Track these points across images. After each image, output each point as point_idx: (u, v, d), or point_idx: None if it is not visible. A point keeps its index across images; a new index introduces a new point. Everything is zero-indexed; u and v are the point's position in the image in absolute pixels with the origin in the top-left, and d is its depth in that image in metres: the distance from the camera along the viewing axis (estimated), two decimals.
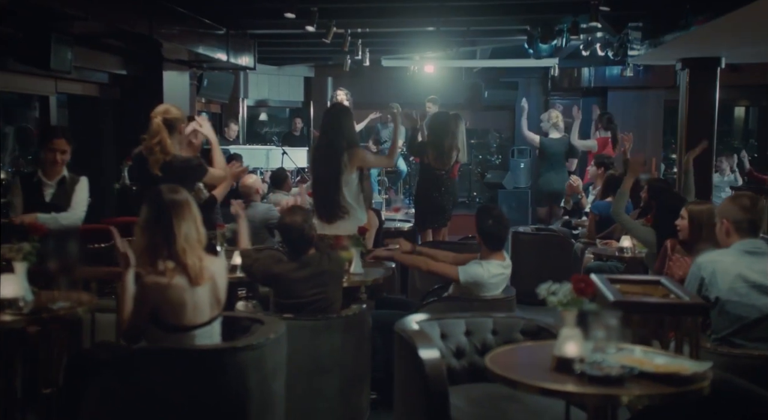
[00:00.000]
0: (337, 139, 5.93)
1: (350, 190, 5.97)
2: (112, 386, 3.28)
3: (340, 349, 4.58)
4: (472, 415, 3.47)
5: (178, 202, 3.52)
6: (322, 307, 4.68)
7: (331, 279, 4.78)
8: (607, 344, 2.86)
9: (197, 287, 3.43)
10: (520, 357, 3.06)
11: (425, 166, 8.18)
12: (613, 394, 2.61)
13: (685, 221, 4.83)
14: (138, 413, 3.26)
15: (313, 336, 4.52)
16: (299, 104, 15.49)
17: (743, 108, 17.81)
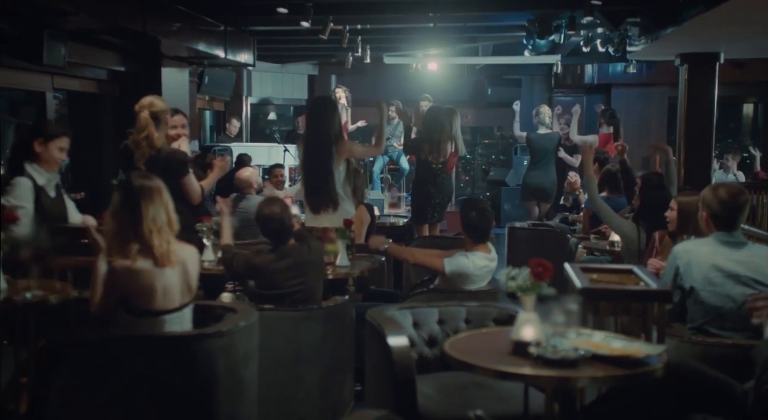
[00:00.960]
0: (325, 131, 5.98)
1: (338, 182, 6.02)
2: (80, 373, 3.30)
3: (321, 340, 4.57)
4: (439, 402, 3.48)
5: (147, 187, 3.55)
6: (302, 297, 4.70)
7: (311, 269, 4.80)
8: (566, 329, 2.87)
9: (166, 272, 3.46)
10: (480, 342, 3.08)
11: (422, 162, 8.23)
12: (568, 377, 2.63)
13: (674, 212, 4.82)
14: (106, 399, 3.28)
15: (294, 327, 4.53)
16: (303, 102, 15.53)
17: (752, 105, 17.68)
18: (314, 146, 6.05)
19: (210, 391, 3.35)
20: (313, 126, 6.11)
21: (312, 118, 6.19)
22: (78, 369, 3.32)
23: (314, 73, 15.42)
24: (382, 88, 14.48)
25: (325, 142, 5.97)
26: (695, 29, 7.55)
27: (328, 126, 6.03)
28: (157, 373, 3.29)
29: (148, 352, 3.32)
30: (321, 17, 8.78)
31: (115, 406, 3.28)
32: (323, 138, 5.98)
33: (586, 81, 14.34)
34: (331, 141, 6.00)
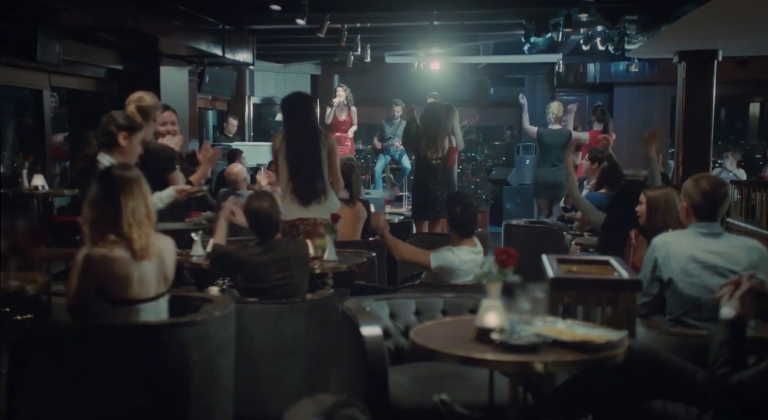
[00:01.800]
0: (311, 124, 6.04)
1: (325, 173, 6.07)
2: (54, 362, 3.33)
3: (304, 334, 4.59)
4: (412, 392, 3.50)
5: (127, 178, 3.57)
6: (287, 291, 4.73)
7: (296, 264, 4.83)
8: (532, 316, 2.89)
9: (143, 262, 3.48)
10: (445, 329, 3.09)
11: (420, 158, 8.26)
12: (528, 361, 2.65)
13: (643, 206, 4.82)
14: (80, 388, 3.31)
15: (277, 319, 4.55)
16: None
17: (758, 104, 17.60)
18: (302, 138, 6.06)
19: (184, 381, 3.37)
20: (296, 119, 6.12)
21: (294, 112, 6.18)
22: (52, 358, 3.35)
23: (317, 73, 15.44)
24: (385, 88, 14.51)
25: (313, 134, 6.00)
26: (690, 26, 7.54)
27: (313, 118, 6.09)
28: (131, 361, 3.32)
29: (122, 340, 3.34)
30: (318, 15, 8.81)
31: (89, 395, 3.31)
32: (310, 130, 6.01)
33: (589, 80, 14.33)
34: (318, 133, 6.04)
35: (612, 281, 3.48)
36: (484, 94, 14.93)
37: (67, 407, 3.33)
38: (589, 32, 10.81)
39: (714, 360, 2.50)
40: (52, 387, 3.35)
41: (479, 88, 14.92)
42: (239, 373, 4.23)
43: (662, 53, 9.89)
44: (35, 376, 3.31)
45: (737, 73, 13.08)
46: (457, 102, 14.38)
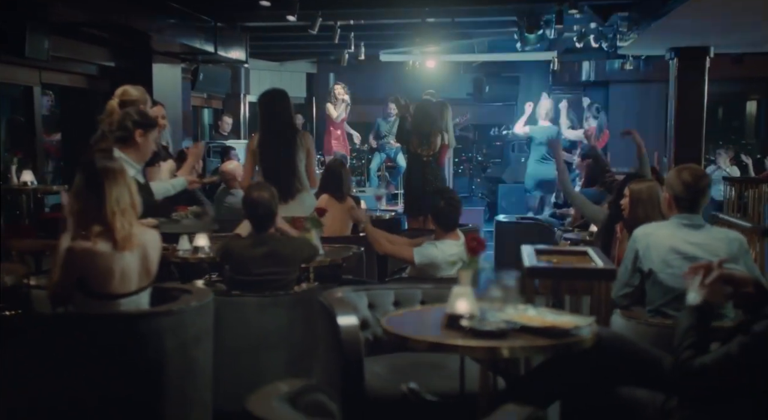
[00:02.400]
0: (286, 121, 6.06)
1: (302, 171, 6.07)
2: (28, 351, 3.33)
3: (287, 327, 4.60)
4: (388, 381, 3.50)
5: (111, 169, 3.56)
6: (273, 287, 4.72)
7: (286, 261, 4.79)
8: (504, 303, 2.89)
9: (125, 255, 3.47)
10: (417, 317, 3.11)
11: (412, 154, 8.27)
12: (496, 347, 2.66)
13: (627, 199, 4.84)
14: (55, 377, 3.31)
15: (260, 312, 4.55)
16: (302, 100, 15.56)
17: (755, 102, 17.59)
18: (277, 136, 6.07)
19: (160, 369, 3.37)
20: (270, 117, 6.13)
21: (268, 110, 6.19)
22: (27, 347, 3.35)
23: (313, 72, 15.47)
24: (380, 86, 14.52)
25: (287, 132, 6.00)
26: (679, 21, 7.54)
27: (288, 116, 6.08)
28: (107, 350, 3.32)
29: (98, 329, 3.34)
30: (310, 12, 8.82)
31: (64, 384, 3.31)
32: (285, 128, 6.01)
33: (584, 78, 14.35)
34: (294, 131, 6.04)
35: (586, 270, 3.50)
36: (480, 92, 14.93)
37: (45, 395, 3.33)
38: (582, 30, 10.82)
39: (679, 344, 2.50)
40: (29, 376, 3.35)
41: (475, 87, 14.92)
42: (222, 365, 4.24)
43: (654, 50, 9.90)
44: (9, 364, 3.31)
45: (732, 70, 13.09)
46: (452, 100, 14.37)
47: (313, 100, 15.50)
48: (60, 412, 3.33)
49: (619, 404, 2.73)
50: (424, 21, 9.32)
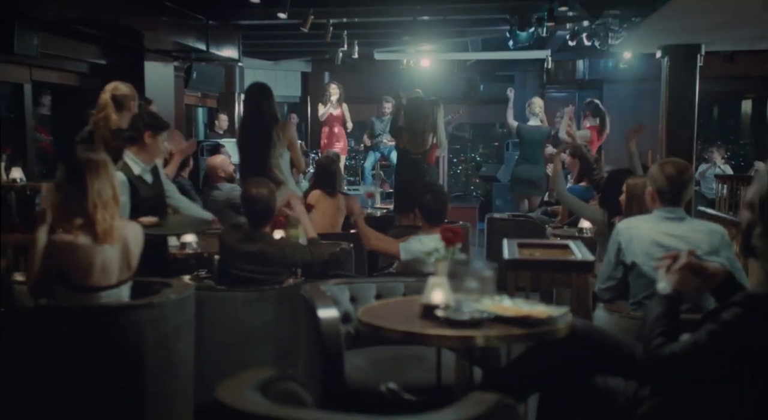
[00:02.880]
0: (264, 116, 6.05)
1: (285, 163, 6.07)
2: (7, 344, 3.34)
3: (273, 322, 4.60)
4: (369, 374, 3.51)
5: (93, 161, 3.56)
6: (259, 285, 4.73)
7: (274, 264, 4.78)
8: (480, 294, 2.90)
9: (106, 248, 3.47)
10: (393, 308, 3.12)
11: (402, 151, 8.27)
12: (470, 336, 2.67)
13: (624, 195, 4.86)
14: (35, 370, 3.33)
15: (245, 307, 4.57)
16: (297, 99, 15.57)
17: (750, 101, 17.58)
18: (255, 134, 6.08)
19: (139, 362, 3.38)
20: (250, 110, 6.16)
21: (249, 103, 6.23)
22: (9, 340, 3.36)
23: (307, 70, 15.46)
24: (375, 85, 14.51)
25: (267, 129, 6.00)
26: (668, 18, 7.54)
27: (266, 109, 6.09)
28: (87, 343, 3.33)
29: (78, 322, 3.35)
30: (302, 10, 8.83)
31: (44, 377, 3.32)
32: (261, 121, 6.03)
33: (578, 77, 14.37)
34: (270, 124, 6.04)
35: (563, 262, 3.50)
36: (475, 91, 14.92)
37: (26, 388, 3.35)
38: (575, 28, 10.82)
39: (649, 333, 2.51)
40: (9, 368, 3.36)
41: (469, 86, 14.91)
42: (208, 360, 4.26)
43: (646, 48, 9.90)
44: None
45: (725, 69, 13.11)
46: (447, 99, 14.40)
47: (308, 99, 15.49)
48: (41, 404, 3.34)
49: (594, 394, 2.74)
50: (416, 19, 9.33)
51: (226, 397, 2.15)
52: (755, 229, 2.40)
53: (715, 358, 2.33)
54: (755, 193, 2.39)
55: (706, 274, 2.66)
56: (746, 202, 2.44)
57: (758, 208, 2.37)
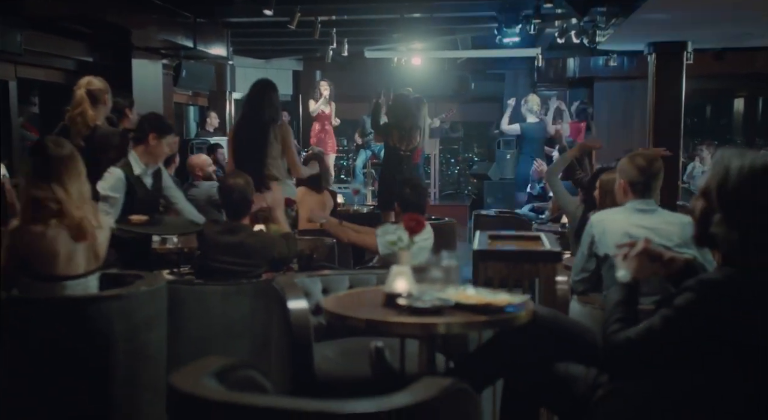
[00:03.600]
0: (265, 113, 5.99)
1: (279, 162, 6.04)
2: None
3: (250, 315, 4.60)
4: (338, 364, 3.52)
5: (62, 156, 3.58)
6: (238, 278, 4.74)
7: (254, 256, 4.78)
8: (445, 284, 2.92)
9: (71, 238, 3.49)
10: (357, 298, 3.13)
11: (389, 148, 8.30)
12: (430, 323, 2.70)
13: (597, 190, 4.89)
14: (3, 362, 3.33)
15: (223, 301, 4.56)
16: (288, 98, 15.57)
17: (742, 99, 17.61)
18: (251, 130, 6.06)
19: (107, 355, 3.38)
20: (251, 108, 6.12)
21: (251, 101, 6.18)
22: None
23: (299, 69, 15.48)
24: (366, 83, 14.52)
25: (264, 126, 5.98)
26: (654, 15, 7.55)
27: (264, 107, 6.05)
28: (54, 334, 3.33)
29: (43, 314, 3.35)
30: (288, 7, 8.84)
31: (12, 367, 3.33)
32: (261, 121, 6.00)
33: (569, 75, 14.39)
34: (267, 122, 6.01)
35: (530, 252, 3.53)
36: (466, 89, 14.95)
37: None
38: (563, 25, 10.84)
39: (606, 319, 2.53)
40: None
41: (460, 84, 14.94)
42: (186, 354, 4.25)
43: (633, 45, 9.90)
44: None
45: (715, 67, 13.13)
46: (439, 97, 14.49)
47: (300, 98, 15.50)
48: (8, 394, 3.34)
49: (555, 381, 2.76)
50: (404, 16, 9.34)
51: (180, 383, 2.16)
52: (714, 217, 2.41)
53: (668, 343, 2.34)
54: (711, 180, 2.40)
55: (664, 260, 2.68)
56: (701, 189, 2.45)
57: (716, 195, 2.38)
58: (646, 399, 2.37)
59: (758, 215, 2.31)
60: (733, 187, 2.33)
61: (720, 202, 2.38)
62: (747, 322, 2.28)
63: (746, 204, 2.32)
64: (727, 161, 2.38)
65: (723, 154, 2.42)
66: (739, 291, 2.29)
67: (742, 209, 2.32)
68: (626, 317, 2.50)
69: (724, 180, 2.36)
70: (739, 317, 2.28)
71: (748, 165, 2.34)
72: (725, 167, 2.36)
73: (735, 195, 2.33)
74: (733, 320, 2.28)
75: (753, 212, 2.32)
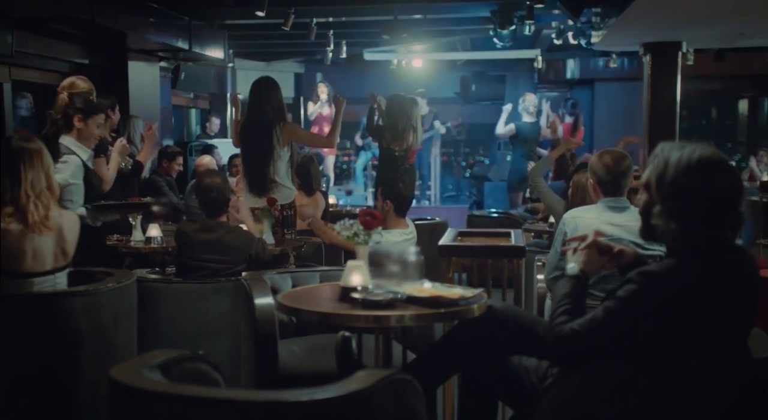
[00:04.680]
0: (268, 113, 5.98)
1: (282, 164, 6.04)
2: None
3: (229, 313, 4.63)
4: (304, 359, 3.54)
5: (27, 150, 3.58)
6: (217, 275, 4.76)
7: (232, 252, 4.83)
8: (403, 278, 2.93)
9: (37, 235, 3.50)
10: (315, 292, 3.16)
11: (383, 149, 8.33)
12: (382, 316, 2.73)
13: (571, 189, 4.92)
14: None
15: (201, 299, 4.59)
16: (290, 100, 15.58)
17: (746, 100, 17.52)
18: (255, 131, 6.06)
19: (73, 351, 3.40)
20: (255, 108, 6.09)
21: (254, 100, 6.15)
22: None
23: (300, 72, 15.51)
24: (367, 85, 14.51)
25: (268, 127, 5.97)
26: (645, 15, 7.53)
27: (271, 109, 6.03)
28: (18, 330, 3.35)
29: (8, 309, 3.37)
30: (284, 9, 8.86)
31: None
32: (266, 122, 5.98)
33: (569, 76, 14.37)
34: (270, 121, 5.99)
35: (492, 248, 3.53)
36: (467, 91, 14.93)
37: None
38: (561, 26, 10.85)
39: (553, 312, 2.54)
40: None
41: (462, 86, 14.93)
42: None
43: (628, 46, 9.89)
44: None
45: (716, 68, 13.10)
46: (440, 99, 14.50)
47: (301, 100, 15.52)
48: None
49: (509, 373, 2.77)
50: (397, 18, 9.33)
51: (120, 376, 2.16)
52: (654, 209, 2.42)
53: (610, 333, 2.35)
54: (651, 173, 2.42)
55: (613, 253, 2.69)
56: (642, 183, 2.47)
57: (655, 187, 2.39)
58: (590, 388, 2.38)
59: (695, 206, 2.32)
60: (670, 178, 2.34)
61: (659, 194, 2.40)
62: (685, 311, 2.29)
63: (683, 195, 2.34)
64: (666, 154, 2.39)
65: (663, 146, 2.44)
66: (678, 281, 2.30)
67: (680, 200, 2.34)
68: (573, 309, 2.51)
69: (662, 172, 2.37)
70: (677, 306, 2.29)
71: (686, 157, 2.36)
72: (664, 160, 2.38)
73: (672, 186, 2.35)
74: (671, 310, 2.29)
75: (690, 203, 2.33)
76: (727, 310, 2.35)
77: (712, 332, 2.35)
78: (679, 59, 9.21)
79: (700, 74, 13.81)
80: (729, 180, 2.38)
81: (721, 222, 2.36)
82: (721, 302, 2.33)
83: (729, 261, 2.38)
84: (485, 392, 2.88)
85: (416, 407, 2.30)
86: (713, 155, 2.39)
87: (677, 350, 2.31)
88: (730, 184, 2.37)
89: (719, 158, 2.39)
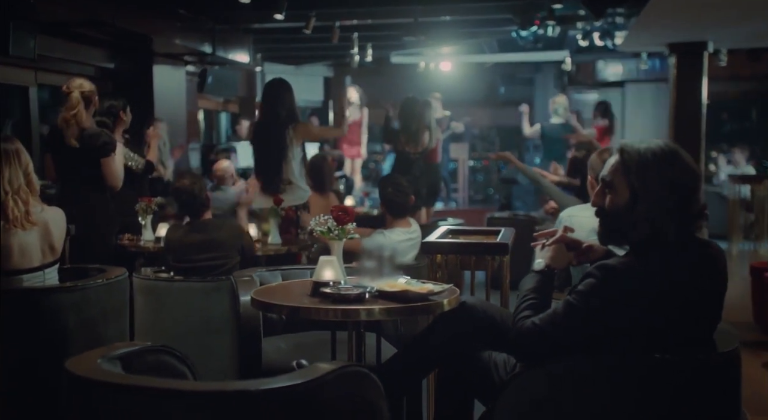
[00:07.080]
0: (280, 114, 6.02)
1: (296, 164, 6.08)
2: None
3: (231, 311, 4.66)
4: (289, 355, 3.53)
5: (4, 150, 3.64)
6: (215, 273, 4.81)
7: (223, 247, 4.89)
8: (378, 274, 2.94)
9: (21, 232, 3.56)
10: (288, 287, 3.19)
11: (399, 152, 8.37)
12: (351, 310, 2.75)
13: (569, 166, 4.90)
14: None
15: (203, 297, 4.64)
16: (319, 104, 15.66)
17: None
18: (268, 131, 6.10)
19: (60, 346, 3.43)
20: (267, 109, 6.14)
21: (266, 101, 6.21)
22: None
23: (329, 75, 15.56)
24: (395, 89, 14.54)
25: (281, 127, 6.01)
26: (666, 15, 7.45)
27: (284, 109, 6.07)
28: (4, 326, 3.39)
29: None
30: (303, 12, 8.89)
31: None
32: (278, 122, 6.02)
33: (599, 77, 14.25)
34: (283, 122, 6.03)
35: (475, 245, 3.53)
36: (495, 93, 14.90)
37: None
38: (587, 28, 10.76)
39: (517, 306, 2.53)
40: None
41: (490, 88, 14.91)
42: None
43: (653, 47, 9.79)
44: None
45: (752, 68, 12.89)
46: (468, 102, 14.47)
47: (330, 104, 15.58)
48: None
49: (480, 369, 2.77)
50: (417, 20, 9.34)
51: (74, 367, 2.17)
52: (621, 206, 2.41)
53: (571, 327, 2.33)
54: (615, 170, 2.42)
55: (581, 248, 2.67)
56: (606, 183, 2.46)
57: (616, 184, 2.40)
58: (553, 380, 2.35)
59: (653, 202, 2.30)
60: (631, 175, 2.34)
61: (629, 189, 2.38)
62: (645, 305, 2.27)
63: (642, 191, 2.32)
64: (630, 149, 2.39)
65: (624, 145, 2.43)
66: (637, 274, 2.28)
67: (639, 196, 2.33)
68: (537, 304, 2.50)
69: (623, 170, 2.37)
70: (637, 300, 2.27)
71: (652, 148, 2.35)
72: (630, 155, 2.37)
73: (633, 182, 2.33)
74: (631, 303, 2.27)
75: (648, 199, 2.31)
76: (689, 304, 2.32)
77: (676, 327, 2.32)
78: (705, 59, 9.08)
79: (735, 75, 13.63)
80: (690, 169, 2.36)
81: (686, 213, 2.33)
82: (683, 296, 2.31)
83: (693, 254, 2.35)
84: (458, 388, 2.87)
85: (375, 400, 2.30)
86: (673, 146, 2.39)
87: (639, 344, 2.29)
88: (691, 173, 2.35)
89: (678, 148, 2.38)
